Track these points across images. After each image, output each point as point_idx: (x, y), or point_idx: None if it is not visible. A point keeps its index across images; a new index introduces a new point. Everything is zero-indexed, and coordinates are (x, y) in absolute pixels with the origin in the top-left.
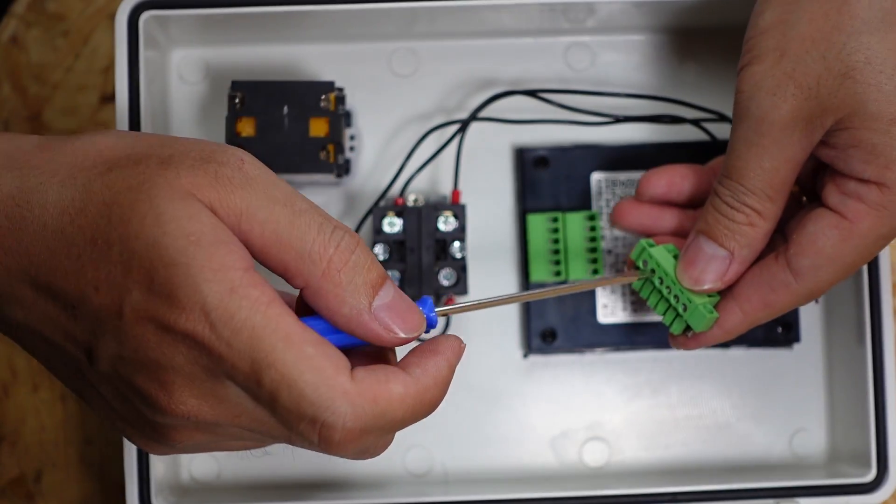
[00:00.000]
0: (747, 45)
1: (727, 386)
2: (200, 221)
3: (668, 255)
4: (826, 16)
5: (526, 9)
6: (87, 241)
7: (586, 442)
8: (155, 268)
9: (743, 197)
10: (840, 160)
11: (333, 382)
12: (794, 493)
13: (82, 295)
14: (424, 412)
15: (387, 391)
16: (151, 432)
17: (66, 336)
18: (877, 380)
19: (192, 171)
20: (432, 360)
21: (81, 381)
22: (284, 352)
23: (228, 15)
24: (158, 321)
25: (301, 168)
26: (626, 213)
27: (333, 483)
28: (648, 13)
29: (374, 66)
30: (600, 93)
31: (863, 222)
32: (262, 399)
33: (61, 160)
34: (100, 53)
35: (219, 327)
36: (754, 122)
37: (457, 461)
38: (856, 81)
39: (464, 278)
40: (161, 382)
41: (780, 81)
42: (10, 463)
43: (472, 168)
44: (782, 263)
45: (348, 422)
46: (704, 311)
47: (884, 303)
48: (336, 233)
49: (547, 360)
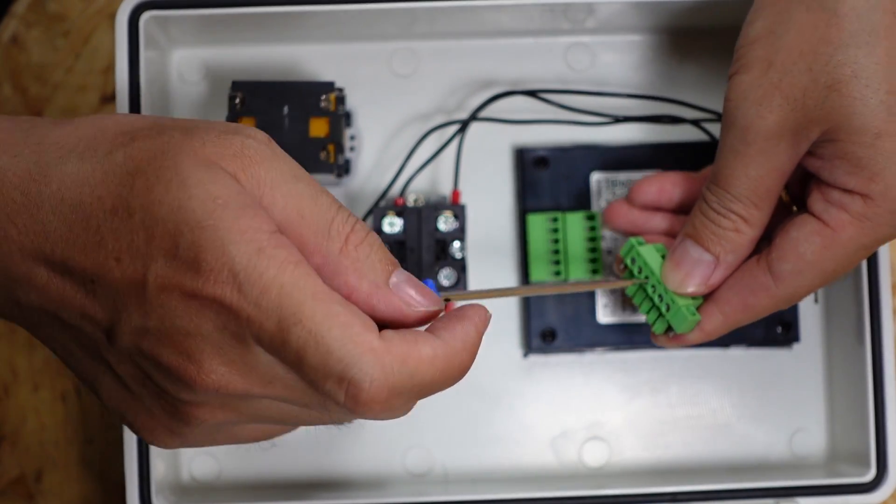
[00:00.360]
0: (737, 54)
1: (727, 386)
2: (227, 186)
3: (657, 255)
4: (814, 28)
5: (526, 9)
6: (108, 212)
7: (586, 442)
8: (181, 231)
9: (729, 204)
10: (825, 170)
11: (361, 339)
12: (794, 492)
13: (102, 268)
14: (455, 376)
15: (416, 351)
16: (171, 414)
17: (84, 316)
18: (876, 380)
19: (218, 141)
20: (460, 324)
21: (97, 367)
22: (313, 308)
23: (228, 15)
24: (184, 288)
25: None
26: (617, 215)
27: (333, 483)
28: (648, 13)
29: (374, 66)
30: (600, 93)
31: (845, 232)
32: (289, 359)
33: (80, 133)
34: (100, 54)
35: (246, 288)
36: (740, 131)
37: (457, 461)
38: (842, 94)
39: (464, 278)
40: (189, 353)
41: (767, 92)
42: (10, 463)
43: (472, 168)
44: (763, 267)
45: (376, 379)
46: (687, 313)
47: (883, 302)
48: (351, 217)
49: (547, 359)
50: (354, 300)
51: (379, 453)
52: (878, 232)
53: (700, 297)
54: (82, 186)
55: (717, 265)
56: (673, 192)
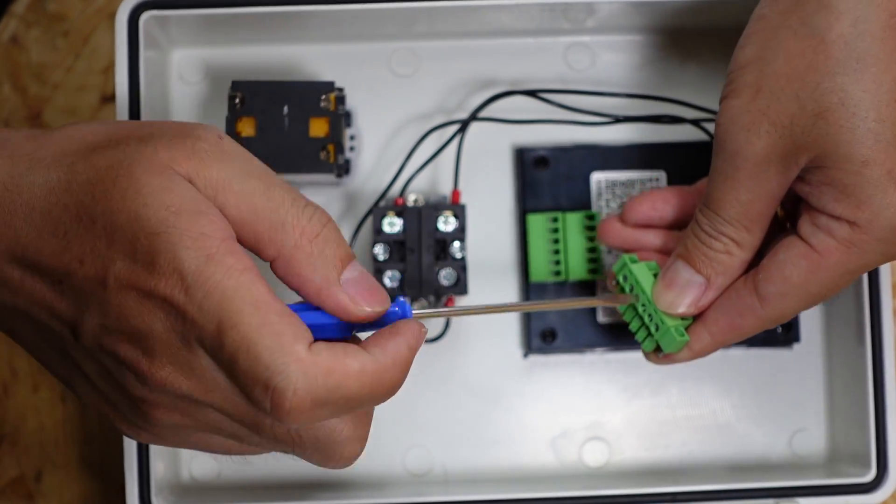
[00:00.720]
0: (728, 79)
1: (727, 386)
2: (180, 193)
3: (648, 274)
4: (802, 55)
5: (526, 9)
6: (73, 219)
7: (586, 442)
8: (137, 238)
9: (720, 227)
10: (814, 196)
11: (290, 349)
12: (794, 492)
13: (68, 269)
14: (383, 393)
15: (343, 365)
16: (134, 412)
17: (52, 314)
18: (877, 380)
19: (170, 145)
20: (392, 340)
21: (67, 364)
22: (250, 315)
23: (228, 15)
24: (140, 288)
25: (301, 168)
26: (610, 232)
27: (333, 483)
28: (649, 13)
29: (374, 66)
30: (600, 93)
31: (831, 257)
32: (223, 362)
33: (48, 147)
34: (100, 53)
35: (192, 290)
36: (729, 156)
37: (457, 461)
38: (828, 123)
39: (464, 278)
40: (142, 349)
41: (755, 118)
42: (10, 463)
43: (472, 168)
44: (750, 287)
45: (300, 388)
46: (676, 334)
47: (883, 303)
48: (308, 207)
49: (547, 359)
50: (305, 292)
51: (379, 453)
52: (864, 258)
53: (690, 318)
54: (50, 195)
55: (707, 287)
56: (665, 210)
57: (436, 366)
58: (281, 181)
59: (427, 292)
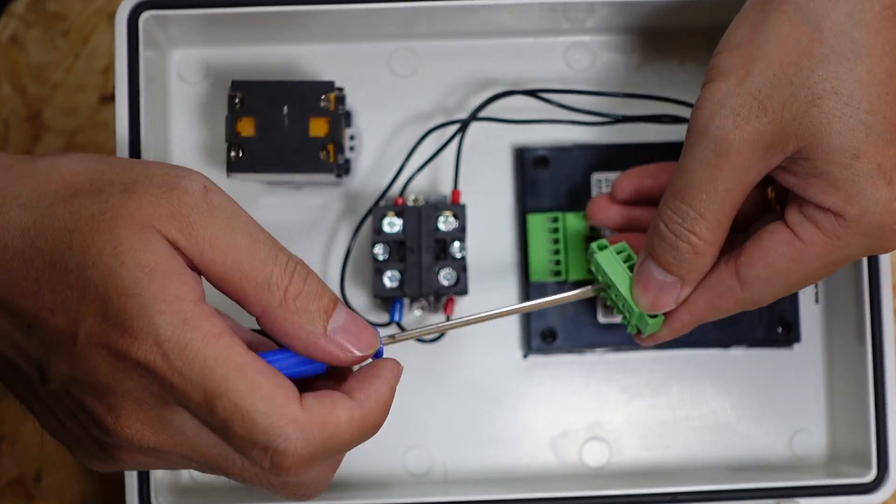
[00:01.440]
0: (713, 62)
1: (727, 386)
2: (156, 253)
3: (616, 261)
4: (797, 40)
5: (526, 9)
6: (46, 265)
7: (586, 442)
8: (110, 297)
9: (692, 224)
10: (800, 187)
11: (285, 411)
12: (795, 493)
13: (38, 317)
14: (368, 434)
15: (335, 416)
16: (98, 450)
17: (20, 352)
18: (877, 380)
19: (155, 201)
20: (374, 384)
21: (33, 397)
22: (237, 382)
23: (228, 15)
24: (112, 348)
25: (301, 168)
26: (599, 210)
27: (333, 483)
28: (648, 13)
29: (374, 65)
30: (600, 93)
31: (815, 247)
32: (215, 426)
33: (25, 181)
34: (99, 53)
35: (171, 357)
36: (712, 142)
37: (457, 461)
38: (821, 111)
39: (464, 278)
40: (109, 406)
41: (745, 101)
42: (9, 463)
43: (472, 168)
44: (731, 270)
45: (300, 448)
46: (647, 317)
47: (884, 303)
48: (290, 263)
49: (547, 360)
50: (294, 348)
51: (379, 453)
52: (847, 251)
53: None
54: (24, 237)
55: (683, 284)
56: (653, 186)
57: (436, 366)
58: (266, 236)
59: (427, 292)
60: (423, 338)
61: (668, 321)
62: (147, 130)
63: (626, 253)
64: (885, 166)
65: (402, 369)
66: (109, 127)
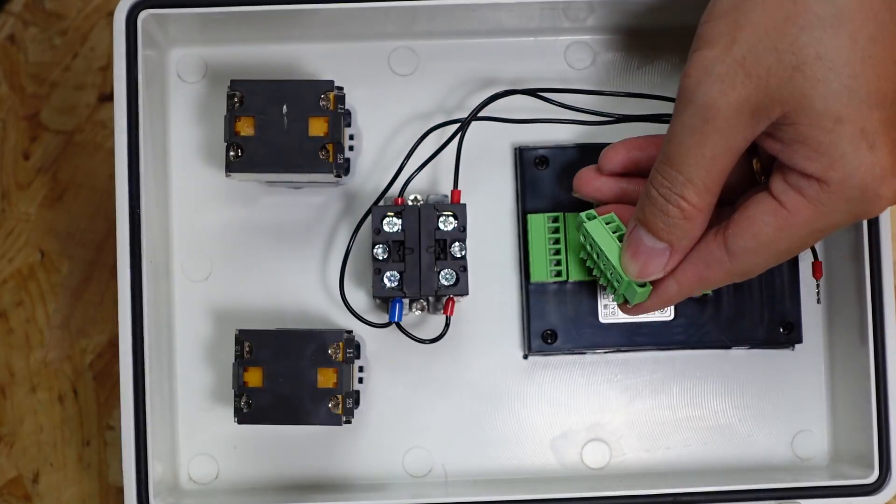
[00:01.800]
0: (700, 30)
1: (729, 387)
2: None
3: (605, 230)
4: (781, 6)
5: (526, 8)
6: None
7: (587, 443)
8: None
9: (681, 188)
10: (785, 154)
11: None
12: (797, 494)
13: None
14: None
15: None
16: None
17: None
18: (879, 381)
19: None
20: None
21: None
22: None
23: (228, 14)
24: None
25: (300, 167)
26: (585, 182)
27: (333, 485)
28: (649, 12)
29: (373, 65)
30: (600, 92)
31: (800, 214)
32: None
33: None
34: (98, 52)
35: None
36: (699, 108)
37: (457, 462)
38: (805, 76)
39: (464, 278)
40: None
41: (731, 68)
42: (7, 464)
43: (472, 168)
44: (720, 241)
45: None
46: (636, 285)
47: (886, 303)
48: None
49: (547, 360)
50: None
51: (379, 455)
52: (832, 218)
53: None
54: None
55: (672, 251)
56: (640, 158)
57: (436, 366)
58: None
59: (427, 292)
60: (424, 338)
61: (656, 291)
62: (146, 130)
63: (616, 223)
64: (868, 130)
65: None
66: (108, 126)
